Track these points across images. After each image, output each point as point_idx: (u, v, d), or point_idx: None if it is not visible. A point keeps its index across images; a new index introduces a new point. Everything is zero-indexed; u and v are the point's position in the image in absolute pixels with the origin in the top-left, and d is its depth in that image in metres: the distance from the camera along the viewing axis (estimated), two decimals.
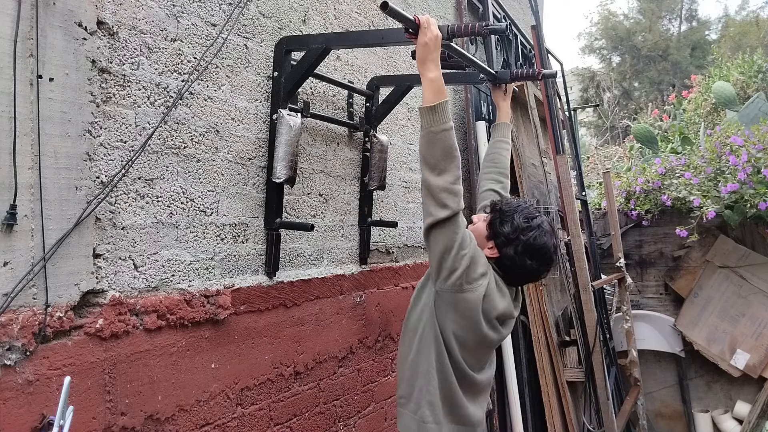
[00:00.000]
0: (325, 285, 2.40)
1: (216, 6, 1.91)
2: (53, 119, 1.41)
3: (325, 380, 2.42)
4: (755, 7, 27.48)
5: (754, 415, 4.16)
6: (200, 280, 1.85)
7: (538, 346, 3.52)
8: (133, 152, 1.62)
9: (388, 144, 2.70)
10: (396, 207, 3.00)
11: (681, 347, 4.52)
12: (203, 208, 1.87)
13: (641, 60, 20.17)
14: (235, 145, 1.98)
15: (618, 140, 11.73)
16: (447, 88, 3.45)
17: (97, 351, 1.53)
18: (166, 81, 1.73)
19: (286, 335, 2.19)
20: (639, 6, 21.48)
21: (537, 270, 1.93)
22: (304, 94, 2.31)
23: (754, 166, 3.85)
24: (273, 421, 2.14)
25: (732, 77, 6.62)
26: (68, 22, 1.44)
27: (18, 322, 1.34)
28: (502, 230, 1.91)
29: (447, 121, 1.75)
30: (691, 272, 4.54)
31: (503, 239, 1.90)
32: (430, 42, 1.73)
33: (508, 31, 3.97)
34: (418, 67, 1.77)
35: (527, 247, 1.88)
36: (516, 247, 1.88)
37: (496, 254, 1.92)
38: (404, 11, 1.68)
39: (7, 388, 1.33)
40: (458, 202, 1.76)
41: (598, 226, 4.82)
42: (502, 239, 1.90)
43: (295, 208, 2.28)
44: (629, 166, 6.44)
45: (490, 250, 1.93)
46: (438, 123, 1.74)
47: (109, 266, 1.57)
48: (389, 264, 2.91)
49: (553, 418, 3.46)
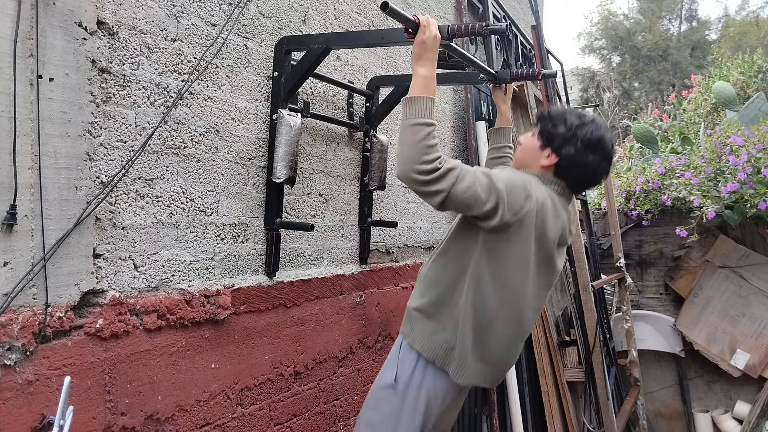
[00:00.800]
0: (325, 285, 2.40)
1: (216, 6, 1.91)
2: (53, 119, 1.41)
3: (325, 380, 2.42)
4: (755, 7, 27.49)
5: (754, 415, 4.16)
6: (200, 280, 1.85)
7: (538, 346, 3.52)
8: (133, 152, 1.62)
9: (388, 144, 2.70)
10: (396, 207, 3.00)
11: (681, 347, 4.52)
12: (203, 208, 1.87)
13: (641, 60, 20.17)
14: (235, 145, 1.98)
15: (618, 140, 11.73)
16: (447, 88, 3.49)
17: (97, 351, 1.53)
18: (166, 81, 1.73)
19: (286, 335, 2.19)
20: (639, 6, 21.48)
21: (599, 166, 1.88)
22: (304, 94, 2.31)
23: (754, 166, 3.85)
24: (273, 421, 2.14)
25: (732, 77, 6.62)
26: (68, 22, 1.44)
27: (18, 322, 1.34)
28: (557, 132, 1.86)
29: (422, 116, 1.66)
30: (691, 272, 4.54)
31: (560, 140, 1.85)
32: (427, 40, 1.73)
33: (508, 31, 3.97)
34: (412, 64, 1.76)
35: (587, 142, 1.84)
36: (575, 144, 1.83)
37: (555, 160, 1.86)
38: (404, 11, 1.68)
39: (7, 388, 1.33)
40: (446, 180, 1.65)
41: (598, 226, 4.82)
42: (559, 141, 1.85)
43: (295, 208, 2.29)
44: (629, 166, 6.43)
45: (547, 159, 1.87)
46: (410, 116, 1.67)
47: (109, 266, 1.57)
48: (389, 264, 2.91)
49: (553, 418, 3.46)
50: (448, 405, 1.96)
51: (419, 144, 1.64)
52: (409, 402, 1.86)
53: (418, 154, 1.64)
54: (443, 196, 1.66)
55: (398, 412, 1.87)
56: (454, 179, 1.66)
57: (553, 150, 1.87)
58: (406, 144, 1.66)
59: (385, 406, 1.89)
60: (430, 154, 1.64)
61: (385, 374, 1.93)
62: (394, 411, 1.87)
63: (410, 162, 1.64)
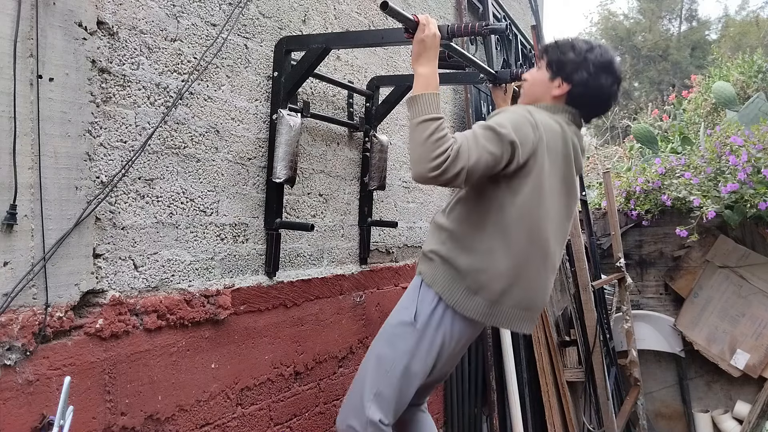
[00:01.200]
0: (325, 285, 2.40)
1: (216, 6, 1.91)
2: (53, 119, 1.41)
3: (325, 380, 2.42)
4: (755, 7, 27.49)
5: (754, 415, 4.16)
6: (200, 280, 1.85)
7: (538, 346, 3.52)
8: (133, 152, 1.62)
9: (388, 144, 2.70)
10: (396, 207, 3.00)
11: (681, 347, 4.52)
12: (203, 208, 1.87)
13: (641, 60, 20.16)
14: (235, 145, 1.98)
15: (618, 140, 11.73)
16: (447, 88, 3.49)
17: (97, 351, 1.53)
18: (166, 81, 1.73)
19: (286, 335, 2.19)
20: (639, 6, 21.47)
21: (611, 89, 1.89)
22: (304, 94, 2.31)
23: (754, 166, 3.85)
24: (273, 421, 2.14)
25: (732, 77, 6.62)
26: (68, 22, 1.44)
27: (18, 322, 1.34)
28: (567, 58, 1.87)
29: (427, 113, 1.66)
30: (691, 272, 4.54)
31: (571, 66, 1.86)
32: (426, 39, 1.73)
33: (508, 31, 3.96)
34: (412, 63, 1.76)
35: (598, 64, 1.85)
36: (587, 68, 1.85)
37: (567, 88, 1.87)
38: (404, 11, 1.68)
39: (7, 388, 1.33)
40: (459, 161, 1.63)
41: (598, 226, 4.82)
42: (571, 67, 1.86)
43: (295, 208, 2.28)
44: (629, 166, 6.43)
45: (558, 88, 1.88)
46: (417, 115, 1.68)
47: (109, 266, 1.57)
48: (389, 264, 2.91)
49: (553, 418, 3.46)
50: (461, 347, 1.97)
51: (428, 141, 1.64)
52: (426, 341, 1.87)
53: (428, 152, 1.63)
54: (463, 175, 1.65)
55: (413, 350, 1.87)
56: (466, 155, 1.65)
57: (564, 78, 1.88)
58: (416, 144, 1.66)
59: (399, 342, 1.88)
60: (441, 146, 1.63)
61: (402, 312, 1.93)
62: (408, 348, 1.87)
63: (422, 162, 1.64)
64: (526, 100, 1.99)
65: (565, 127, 1.88)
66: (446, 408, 3.31)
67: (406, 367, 1.87)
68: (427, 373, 1.91)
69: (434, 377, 2.01)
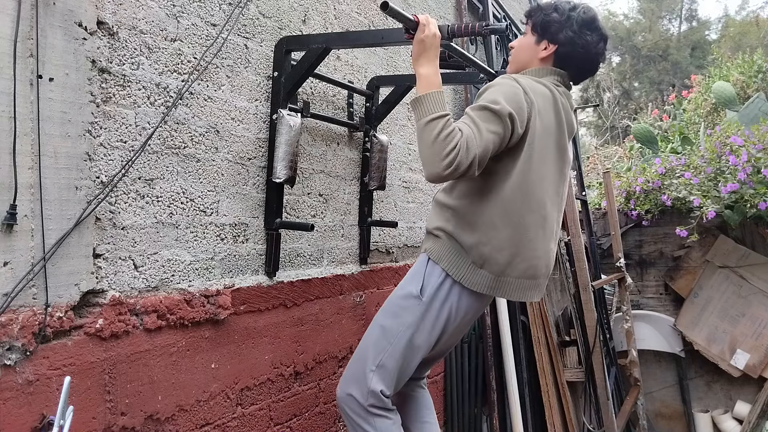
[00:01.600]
0: (325, 285, 2.40)
1: (216, 6, 1.91)
2: (53, 119, 1.41)
3: (325, 380, 2.42)
4: (755, 7, 27.46)
5: (754, 415, 4.16)
6: (200, 280, 1.85)
7: (538, 346, 3.52)
8: (133, 152, 1.62)
9: (388, 144, 2.70)
10: (396, 207, 3.00)
11: (681, 347, 4.52)
12: (203, 208, 1.87)
13: (641, 60, 20.15)
14: (235, 145, 1.98)
15: (618, 140, 11.73)
16: (447, 88, 3.49)
17: (97, 351, 1.53)
18: (166, 81, 1.73)
19: (286, 335, 2.19)
20: (639, 6, 21.47)
21: (597, 46, 1.90)
22: (304, 94, 2.31)
23: (754, 166, 3.85)
24: (273, 421, 2.14)
25: (732, 77, 6.61)
26: (68, 22, 1.44)
27: (18, 322, 1.34)
28: (551, 18, 1.89)
29: (433, 111, 1.67)
30: (691, 272, 4.54)
31: (555, 26, 1.88)
32: (426, 38, 1.73)
33: (508, 31, 3.96)
34: (412, 63, 1.76)
35: (581, 21, 1.87)
36: (571, 26, 1.87)
37: (553, 48, 1.89)
38: (404, 11, 1.68)
39: (7, 388, 1.33)
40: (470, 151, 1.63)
41: (598, 226, 4.82)
42: (555, 26, 1.88)
43: (295, 208, 2.29)
44: (629, 166, 6.43)
45: (544, 51, 1.90)
46: (423, 115, 1.68)
47: (109, 266, 1.57)
48: (389, 264, 2.91)
49: (553, 418, 3.46)
50: (466, 322, 1.98)
51: (437, 140, 1.64)
52: (432, 314, 1.88)
53: (438, 151, 1.63)
54: (476, 164, 1.66)
55: (418, 323, 1.88)
56: (475, 144, 1.65)
57: (549, 39, 1.89)
58: (425, 146, 1.67)
59: (405, 314, 1.89)
60: (450, 143, 1.63)
61: (409, 285, 1.93)
62: (414, 320, 1.88)
63: (434, 162, 1.64)
64: (514, 67, 1.99)
65: (554, 90, 1.89)
66: (446, 408, 3.31)
67: (410, 339, 1.87)
68: (431, 347, 1.92)
69: (436, 351, 2.02)
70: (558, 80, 1.92)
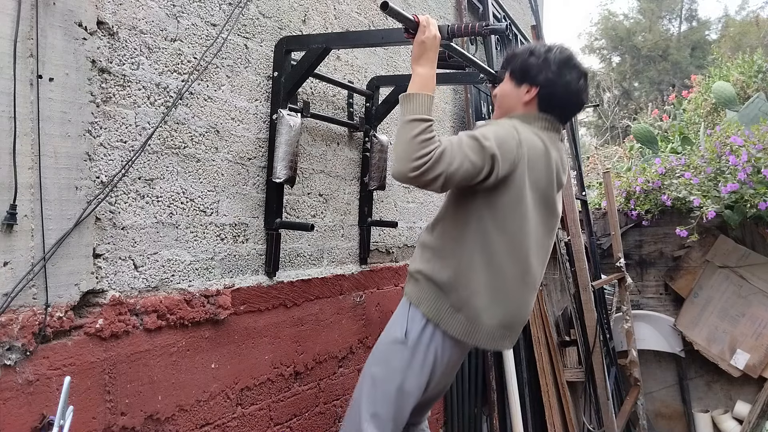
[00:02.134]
0: (325, 285, 2.40)
1: (216, 6, 1.91)
2: (53, 119, 1.41)
3: (325, 380, 2.42)
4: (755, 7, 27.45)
5: (754, 415, 4.16)
6: (200, 280, 1.85)
7: (538, 346, 3.52)
8: (133, 152, 1.62)
9: (388, 144, 2.70)
10: (396, 207, 3.00)
11: (681, 347, 4.52)
12: (203, 208, 1.87)
13: (641, 60, 20.16)
14: (235, 145, 1.98)
15: (618, 140, 11.73)
16: (447, 88, 3.49)
17: (97, 351, 1.53)
18: (166, 81, 1.73)
19: (286, 335, 2.19)
20: (639, 6, 21.47)
21: (578, 83, 1.90)
22: (304, 94, 2.31)
23: (754, 166, 3.85)
24: (273, 421, 2.14)
25: (732, 77, 6.61)
26: (68, 22, 1.44)
27: (18, 322, 1.34)
28: (529, 63, 1.89)
29: (419, 113, 1.67)
30: (691, 272, 4.54)
31: (535, 69, 1.88)
32: (427, 40, 1.73)
33: (508, 31, 3.96)
34: (412, 64, 1.76)
35: (559, 62, 1.87)
36: (549, 67, 1.87)
37: (535, 91, 1.88)
38: (404, 11, 1.68)
39: (7, 388, 1.33)
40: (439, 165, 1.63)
41: (598, 226, 4.82)
42: (534, 70, 1.88)
43: (295, 208, 2.29)
44: (629, 166, 6.43)
45: (527, 94, 1.89)
46: (408, 113, 1.68)
47: (109, 266, 1.57)
48: (389, 264, 2.91)
49: (553, 418, 3.46)
50: (452, 366, 1.98)
51: (414, 140, 1.64)
52: (419, 358, 1.87)
53: (412, 150, 1.63)
54: (442, 180, 1.66)
55: (406, 367, 1.87)
56: (448, 160, 1.65)
57: (530, 83, 1.89)
58: (401, 141, 1.66)
59: (393, 360, 1.88)
60: (426, 147, 1.63)
61: (392, 330, 1.92)
62: (402, 366, 1.87)
63: (404, 160, 1.64)
64: (499, 113, 1.99)
65: (544, 137, 1.88)
66: (446, 408, 3.31)
67: (400, 385, 1.86)
68: (422, 391, 1.91)
69: (429, 395, 2.01)
70: (546, 125, 1.91)
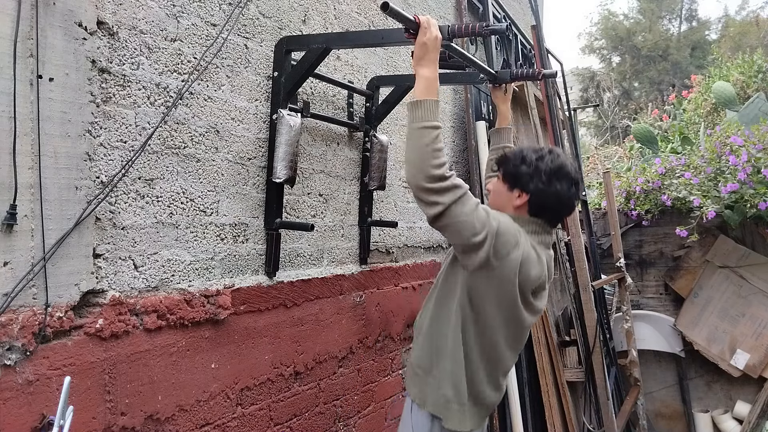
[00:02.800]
0: (325, 285, 2.40)
1: (216, 6, 1.91)
2: (53, 119, 1.41)
3: (325, 380, 2.42)
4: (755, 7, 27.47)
5: (754, 415, 4.16)
6: (200, 280, 1.85)
7: (538, 346, 3.52)
8: (133, 152, 1.62)
9: (388, 144, 2.70)
10: (396, 207, 3.00)
11: (681, 347, 4.52)
12: (203, 208, 1.87)
13: (641, 60, 20.16)
14: (235, 145, 1.98)
15: (618, 140, 11.73)
16: (447, 88, 3.49)
17: (97, 351, 1.53)
18: (166, 81, 1.73)
19: (286, 335, 2.19)
20: (639, 6, 21.48)
21: (569, 192, 1.90)
22: (304, 94, 2.31)
23: (754, 166, 3.85)
24: (273, 421, 2.14)
25: (732, 77, 6.62)
26: (68, 22, 1.44)
27: (18, 322, 1.34)
28: (520, 171, 1.89)
29: (428, 120, 1.70)
30: (691, 272, 4.54)
31: (526, 177, 1.88)
32: (428, 42, 1.73)
33: (508, 31, 3.96)
34: (414, 66, 1.77)
35: (550, 172, 1.87)
36: (540, 177, 1.87)
37: (526, 198, 1.89)
38: (404, 11, 1.68)
39: (7, 388, 1.33)
40: (449, 195, 1.69)
41: (598, 226, 4.82)
42: (525, 178, 1.88)
43: (295, 208, 2.29)
44: (629, 166, 6.44)
45: (518, 198, 1.90)
46: (417, 120, 1.71)
47: (109, 266, 1.57)
48: (389, 264, 2.91)
49: (553, 418, 3.46)
50: None
51: (427, 147, 1.68)
52: None
53: (426, 158, 1.67)
54: (441, 209, 1.69)
55: None
56: (457, 197, 1.70)
57: (521, 189, 1.90)
58: (414, 148, 1.70)
59: None
60: (438, 158, 1.68)
61: None
62: None
63: (419, 167, 1.68)
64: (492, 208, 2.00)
65: (536, 244, 1.90)
66: None
67: None
68: None
69: None
70: (536, 229, 1.92)
